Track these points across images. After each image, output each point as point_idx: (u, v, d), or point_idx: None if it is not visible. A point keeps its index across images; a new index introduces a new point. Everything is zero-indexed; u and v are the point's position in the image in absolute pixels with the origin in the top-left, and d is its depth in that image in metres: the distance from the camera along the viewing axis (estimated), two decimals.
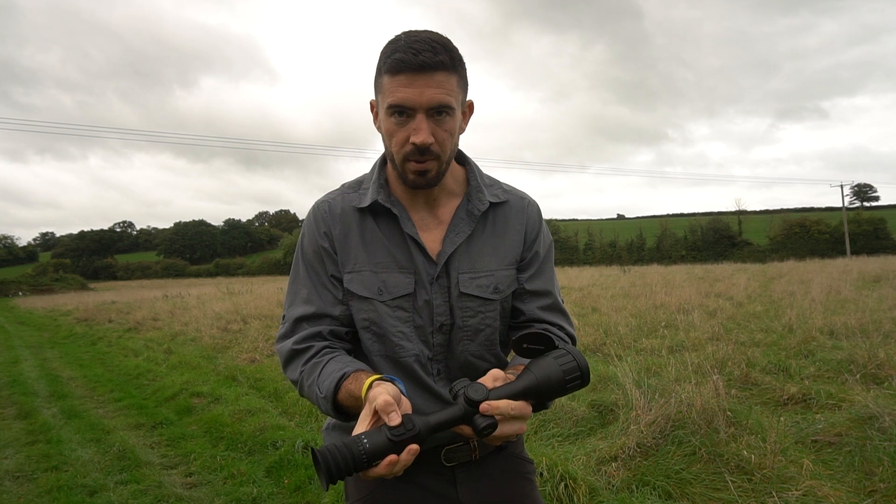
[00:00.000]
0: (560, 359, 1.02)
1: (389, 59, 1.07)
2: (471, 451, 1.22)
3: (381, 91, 1.11)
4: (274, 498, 3.62)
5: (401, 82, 1.06)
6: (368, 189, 1.22)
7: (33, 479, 4.13)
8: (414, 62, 1.05)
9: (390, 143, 1.13)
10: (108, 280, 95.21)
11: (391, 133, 1.11)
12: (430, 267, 1.19)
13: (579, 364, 1.01)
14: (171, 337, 11.18)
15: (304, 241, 1.26)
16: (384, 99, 1.10)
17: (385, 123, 1.12)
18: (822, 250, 51.15)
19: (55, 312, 22.88)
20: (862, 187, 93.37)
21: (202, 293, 24.89)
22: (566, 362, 1.01)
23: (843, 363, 5.33)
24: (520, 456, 1.31)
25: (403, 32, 1.11)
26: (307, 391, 1.16)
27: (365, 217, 1.21)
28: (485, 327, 1.22)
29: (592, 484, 3.13)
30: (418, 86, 1.06)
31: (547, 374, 1.01)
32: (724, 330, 7.67)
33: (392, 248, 1.19)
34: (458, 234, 1.20)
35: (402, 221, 1.19)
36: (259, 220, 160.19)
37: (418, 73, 1.05)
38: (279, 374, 6.79)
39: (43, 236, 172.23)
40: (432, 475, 1.21)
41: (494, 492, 1.25)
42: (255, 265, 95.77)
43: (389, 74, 1.08)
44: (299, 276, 1.25)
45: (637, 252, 66.61)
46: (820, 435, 3.74)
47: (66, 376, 8.51)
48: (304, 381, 1.16)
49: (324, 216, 1.22)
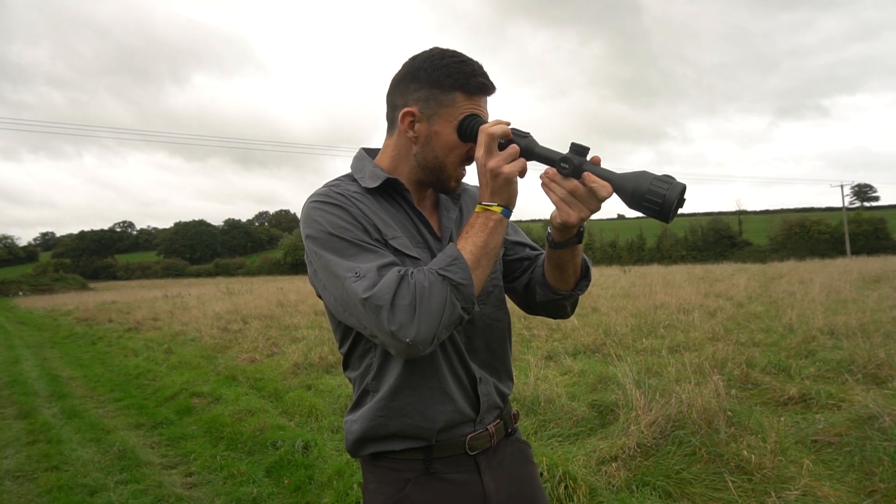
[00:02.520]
0: (656, 181, 1.04)
1: (471, 81, 1.20)
2: (490, 438, 1.27)
3: (450, 106, 1.20)
4: (274, 498, 3.62)
5: (476, 103, 1.22)
6: (365, 176, 1.25)
7: (33, 479, 4.13)
8: (489, 88, 1.23)
9: (449, 154, 1.22)
10: (108, 280, 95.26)
11: (453, 147, 1.22)
12: (436, 242, 1.27)
13: (667, 196, 1.02)
14: (171, 337, 11.18)
15: (327, 222, 1.15)
16: (457, 114, 1.20)
17: (451, 137, 1.21)
18: (822, 250, 51.12)
19: (55, 312, 22.89)
20: (862, 187, 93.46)
21: (202, 293, 24.89)
22: (659, 186, 1.03)
23: (844, 363, 5.34)
24: (520, 440, 1.39)
25: (453, 52, 1.23)
26: (427, 290, 1.05)
27: (374, 198, 1.24)
28: (493, 288, 1.32)
29: (592, 484, 3.13)
30: (484, 108, 1.24)
31: (636, 182, 1.05)
32: (724, 330, 7.68)
33: (406, 225, 1.25)
34: (451, 212, 1.34)
35: (415, 201, 1.27)
36: (259, 219, 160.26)
37: (485, 97, 1.24)
38: (279, 374, 6.79)
39: (43, 236, 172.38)
40: (459, 468, 1.23)
41: (510, 476, 1.30)
42: (256, 265, 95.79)
43: (467, 94, 1.20)
44: (346, 251, 1.12)
45: (637, 252, 66.61)
46: (820, 435, 3.74)
47: (67, 376, 8.52)
48: (420, 281, 1.07)
49: (339, 198, 1.18)
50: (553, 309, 1.36)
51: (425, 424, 1.19)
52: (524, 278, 1.38)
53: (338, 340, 1.29)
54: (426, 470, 1.20)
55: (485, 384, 1.27)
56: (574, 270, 1.28)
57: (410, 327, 1.03)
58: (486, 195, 1.15)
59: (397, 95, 1.25)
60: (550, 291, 1.31)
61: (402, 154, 1.26)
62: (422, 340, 1.04)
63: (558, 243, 1.21)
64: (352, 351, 1.26)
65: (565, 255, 1.23)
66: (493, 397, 1.29)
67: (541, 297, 1.33)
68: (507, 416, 1.34)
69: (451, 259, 1.09)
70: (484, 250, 1.12)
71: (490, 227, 1.13)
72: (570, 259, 1.25)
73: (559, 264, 1.26)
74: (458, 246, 1.12)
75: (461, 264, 1.08)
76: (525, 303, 1.40)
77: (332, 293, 1.13)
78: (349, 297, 1.08)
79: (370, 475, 1.25)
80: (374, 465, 1.24)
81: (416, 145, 1.23)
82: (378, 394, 1.21)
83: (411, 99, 1.22)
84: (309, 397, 5.53)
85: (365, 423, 1.21)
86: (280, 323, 11.33)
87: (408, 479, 1.20)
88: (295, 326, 10.51)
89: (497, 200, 1.14)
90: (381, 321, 1.03)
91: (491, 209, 1.14)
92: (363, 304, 1.05)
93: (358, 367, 1.25)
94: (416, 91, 1.21)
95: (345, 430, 1.28)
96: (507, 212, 1.15)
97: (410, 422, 1.19)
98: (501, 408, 1.32)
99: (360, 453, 1.25)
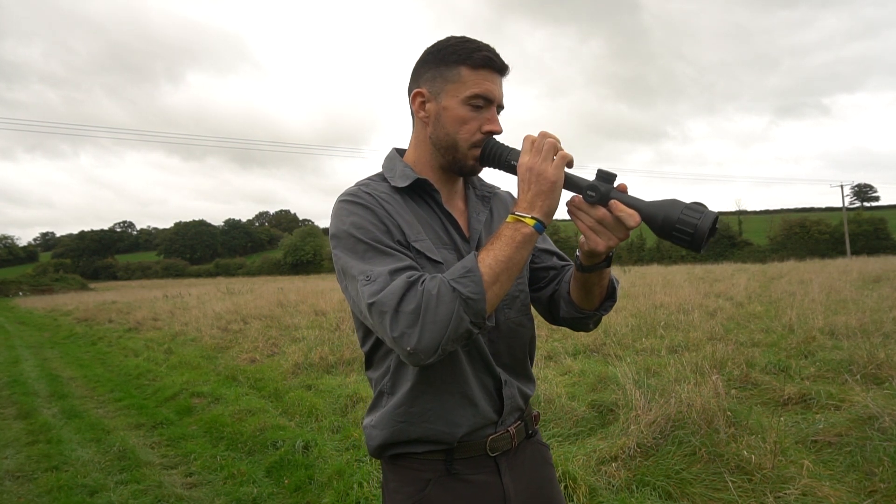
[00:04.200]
0: (687, 210, 1.01)
1: (474, 55, 1.19)
2: (510, 440, 1.27)
3: (456, 81, 1.20)
4: (274, 498, 3.62)
5: (485, 76, 1.20)
6: (395, 175, 1.26)
7: (33, 479, 4.13)
8: (497, 63, 1.21)
9: (459, 129, 1.21)
10: (109, 280, 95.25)
11: (465, 120, 1.20)
12: (464, 244, 1.26)
13: (699, 226, 0.98)
14: (171, 337, 11.18)
15: (350, 222, 1.15)
16: (463, 89, 1.20)
17: (458, 111, 1.20)
18: (822, 250, 51.11)
19: (55, 312, 22.88)
20: (862, 187, 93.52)
21: (202, 293, 24.89)
22: (690, 215, 1.00)
23: (843, 363, 5.33)
24: (540, 442, 1.40)
25: (462, 36, 1.23)
26: (434, 299, 1.02)
27: (403, 197, 1.24)
28: (519, 293, 1.31)
29: (592, 484, 3.14)
30: (496, 83, 1.22)
31: (666, 212, 1.02)
32: (723, 330, 7.68)
33: (434, 225, 1.24)
34: (480, 213, 1.32)
35: (445, 201, 1.27)
36: (259, 220, 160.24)
37: (497, 74, 1.22)
38: (279, 375, 6.79)
39: (43, 236, 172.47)
40: (479, 469, 1.23)
41: (529, 478, 1.31)
42: (256, 265, 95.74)
43: (471, 68, 1.19)
44: (364, 254, 1.12)
45: (637, 252, 66.59)
46: (820, 435, 3.74)
47: (67, 376, 8.51)
48: (428, 288, 1.04)
49: (367, 198, 1.19)
50: (576, 324, 1.34)
51: (448, 430, 1.19)
52: (549, 289, 1.37)
53: (359, 339, 1.29)
54: (447, 471, 1.20)
55: (509, 387, 1.27)
56: (600, 292, 1.27)
57: (412, 336, 1.00)
58: (523, 203, 1.09)
59: (411, 82, 1.27)
60: (575, 310, 1.30)
61: (422, 139, 1.27)
62: (423, 350, 1.01)
63: (586, 267, 1.20)
64: (374, 350, 1.26)
65: (592, 278, 1.22)
66: (517, 399, 1.29)
67: (564, 314, 1.33)
68: (527, 418, 1.34)
69: (465, 270, 1.05)
70: (506, 265, 1.06)
71: (517, 242, 1.07)
72: (598, 282, 1.24)
73: (586, 286, 1.24)
74: (479, 257, 1.07)
75: (475, 277, 1.04)
76: (549, 314, 1.39)
77: (350, 294, 1.14)
78: (360, 300, 1.08)
79: (391, 475, 1.25)
80: (394, 465, 1.24)
81: (429, 126, 1.24)
82: (394, 397, 1.21)
83: (421, 81, 1.25)
84: (309, 397, 5.53)
85: (386, 430, 1.21)
86: (280, 323, 11.32)
87: (429, 479, 1.20)
88: (295, 327, 10.50)
89: (534, 211, 1.08)
90: (384, 327, 1.03)
91: (524, 220, 1.08)
92: (369, 308, 1.05)
93: (380, 367, 1.25)
94: (425, 73, 1.24)
95: (365, 434, 1.27)
96: (541, 227, 1.09)
97: (433, 427, 1.18)
98: (523, 409, 1.32)
99: (382, 456, 1.25)
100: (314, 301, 14.93)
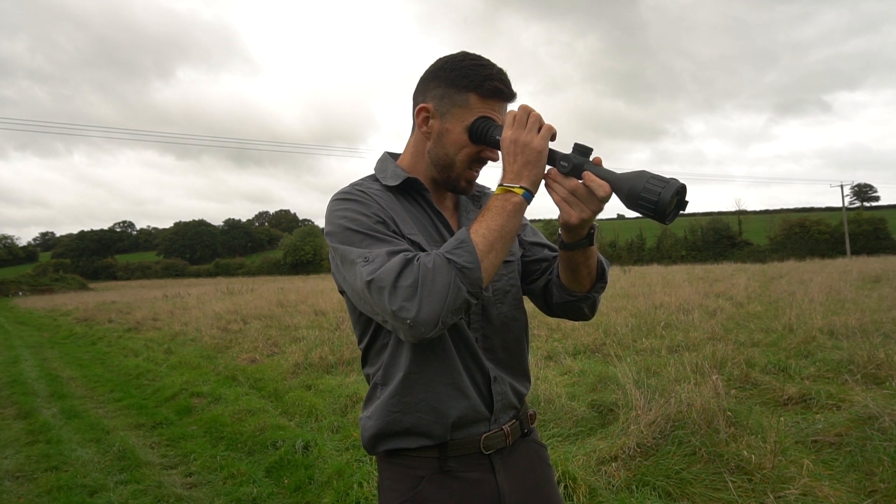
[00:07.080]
0: (653, 180, 1.03)
1: (486, 84, 1.21)
2: (505, 438, 1.27)
3: (464, 106, 1.22)
4: (274, 498, 3.62)
5: (492, 106, 1.23)
6: (387, 176, 1.28)
7: (33, 479, 4.13)
8: (506, 94, 1.24)
9: (459, 152, 1.24)
10: (108, 280, 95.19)
11: (463, 145, 1.23)
12: None
13: (661, 195, 1.01)
14: (171, 337, 11.18)
15: (344, 217, 1.18)
16: (469, 115, 1.22)
17: (461, 136, 1.23)
18: (822, 250, 51.11)
19: (55, 312, 22.87)
20: (862, 187, 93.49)
21: (202, 293, 24.89)
22: (655, 184, 1.02)
23: (843, 363, 5.33)
24: (537, 441, 1.40)
25: (476, 56, 1.24)
26: (431, 272, 1.05)
27: (394, 196, 1.27)
28: (510, 287, 1.34)
29: (592, 484, 3.14)
30: (500, 112, 1.24)
31: (632, 182, 1.04)
32: (723, 330, 7.68)
33: (424, 224, 1.27)
34: (471, 213, 1.36)
35: (435, 201, 1.30)
36: (259, 220, 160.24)
37: (503, 103, 1.25)
38: (279, 374, 6.79)
39: (43, 236, 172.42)
40: (473, 467, 1.24)
41: (525, 478, 1.31)
42: (256, 265, 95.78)
43: (480, 96, 1.22)
44: (361, 242, 1.14)
45: (637, 252, 66.60)
46: (820, 435, 3.74)
47: (66, 376, 8.51)
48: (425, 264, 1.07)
49: (360, 195, 1.22)
50: (571, 310, 1.36)
51: (439, 420, 1.20)
52: (542, 280, 1.39)
53: (357, 335, 1.30)
54: (441, 468, 1.22)
55: (500, 384, 1.28)
56: (588, 272, 1.28)
57: (411, 308, 1.03)
58: (510, 174, 1.13)
59: (418, 93, 1.29)
60: (565, 293, 1.31)
61: (420, 150, 1.29)
62: (424, 322, 1.03)
63: (568, 245, 1.22)
64: (371, 346, 1.27)
65: (577, 256, 1.23)
66: (509, 397, 1.29)
67: (557, 298, 1.34)
68: (523, 417, 1.34)
69: (458, 242, 1.08)
70: (499, 234, 1.10)
71: (508, 211, 1.11)
72: (583, 261, 1.25)
73: (571, 266, 1.26)
74: (471, 229, 1.11)
75: (468, 247, 1.07)
76: (544, 304, 1.41)
77: (350, 283, 1.15)
78: (358, 281, 1.09)
79: (385, 472, 1.27)
80: (389, 462, 1.26)
81: (429, 141, 1.27)
82: (388, 388, 1.22)
83: (429, 96, 1.26)
84: (309, 397, 5.53)
85: (379, 419, 1.23)
86: (280, 323, 11.32)
87: (422, 476, 1.21)
88: (295, 326, 10.50)
89: (522, 181, 1.12)
90: (383, 302, 1.05)
91: (512, 190, 1.12)
92: (368, 286, 1.07)
93: (375, 363, 1.27)
94: (434, 89, 1.25)
95: (360, 427, 1.29)
96: (529, 195, 1.13)
97: (424, 417, 1.20)
98: (518, 408, 1.33)
99: (377, 450, 1.26)
100: (314, 301, 14.94)
